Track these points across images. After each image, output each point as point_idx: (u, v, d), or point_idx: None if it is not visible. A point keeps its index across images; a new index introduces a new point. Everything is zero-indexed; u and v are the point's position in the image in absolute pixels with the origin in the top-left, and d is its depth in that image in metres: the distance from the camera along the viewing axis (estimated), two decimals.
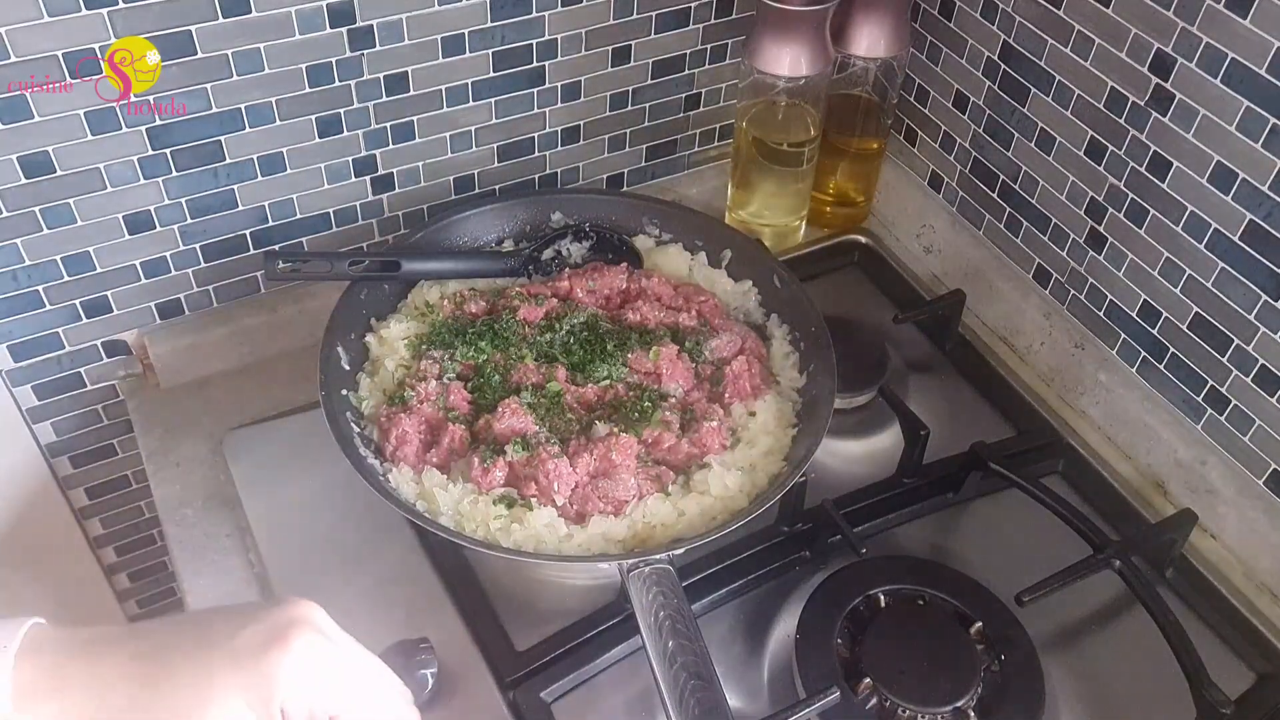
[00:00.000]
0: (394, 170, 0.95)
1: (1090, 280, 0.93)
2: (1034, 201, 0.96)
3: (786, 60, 0.93)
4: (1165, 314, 0.87)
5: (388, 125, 0.92)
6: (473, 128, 0.96)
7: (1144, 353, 0.90)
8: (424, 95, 0.91)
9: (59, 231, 0.84)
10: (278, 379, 0.93)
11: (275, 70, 0.84)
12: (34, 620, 0.52)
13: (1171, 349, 0.87)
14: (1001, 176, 0.99)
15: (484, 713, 0.72)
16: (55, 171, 0.81)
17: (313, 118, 0.88)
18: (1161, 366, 0.89)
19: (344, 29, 0.84)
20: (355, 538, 0.81)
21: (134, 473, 1.02)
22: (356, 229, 0.97)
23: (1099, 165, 0.88)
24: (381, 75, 0.88)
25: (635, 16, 0.97)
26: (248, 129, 0.86)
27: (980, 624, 0.76)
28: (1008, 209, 1.00)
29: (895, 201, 1.12)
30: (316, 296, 0.93)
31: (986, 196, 1.02)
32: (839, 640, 0.75)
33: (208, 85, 0.82)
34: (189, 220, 0.89)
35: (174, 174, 0.85)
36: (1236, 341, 0.82)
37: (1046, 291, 0.98)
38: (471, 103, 0.94)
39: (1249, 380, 0.82)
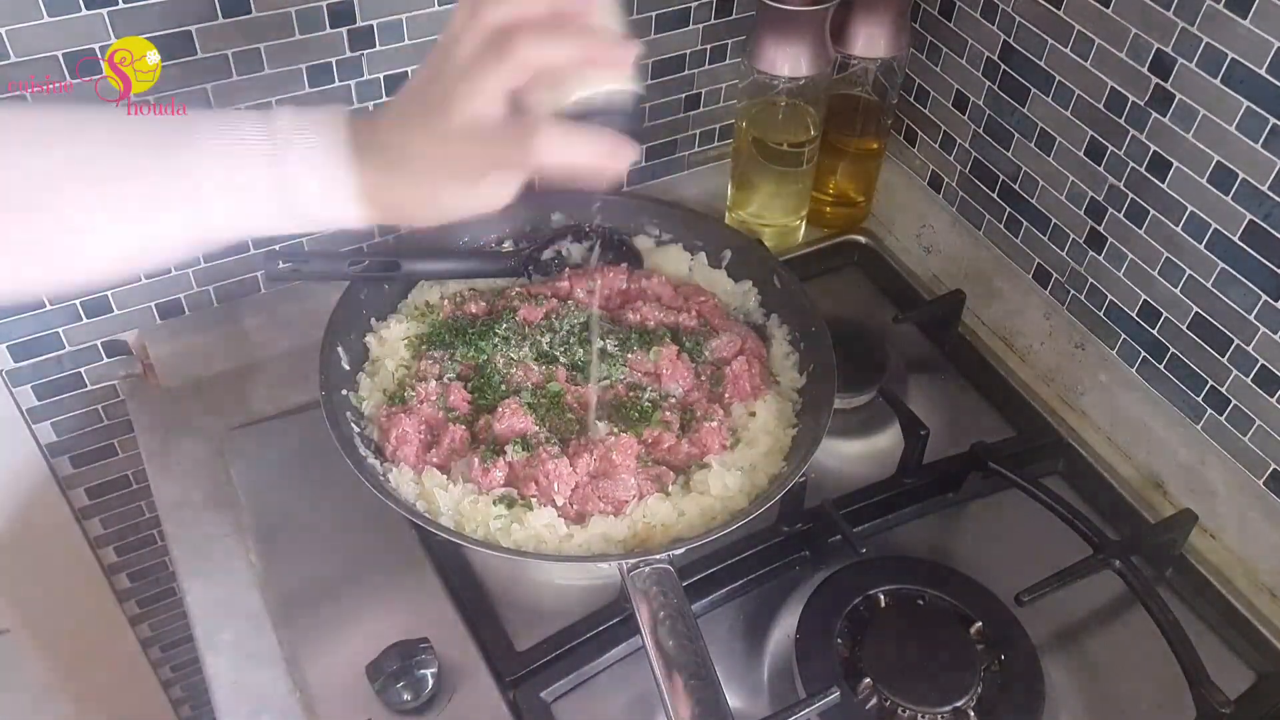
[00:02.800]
0: None
1: (1090, 280, 0.93)
2: (1034, 201, 0.96)
3: (786, 60, 0.93)
4: (1165, 314, 0.87)
5: None
6: None
7: (1144, 353, 0.90)
8: None
9: None
10: (278, 379, 0.93)
11: (275, 70, 0.84)
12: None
13: (1171, 349, 0.87)
14: (1001, 176, 0.99)
15: (484, 713, 0.72)
16: None
17: None
18: (1161, 366, 0.89)
19: (344, 29, 0.84)
20: (355, 538, 0.81)
21: (134, 473, 1.02)
22: (356, 229, 0.97)
23: (1099, 165, 0.88)
24: (381, 75, 0.88)
25: (635, 16, 0.97)
26: None
27: (980, 624, 0.76)
28: (1008, 209, 1.00)
29: (895, 201, 1.12)
30: (316, 296, 0.93)
31: (986, 196, 1.02)
32: (839, 640, 0.75)
33: (208, 85, 0.82)
34: None
35: None
36: (1236, 341, 0.82)
37: (1046, 291, 0.98)
38: None
39: (1249, 380, 0.82)
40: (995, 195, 1.01)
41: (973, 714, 0.72)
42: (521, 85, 0.52)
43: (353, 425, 0.80)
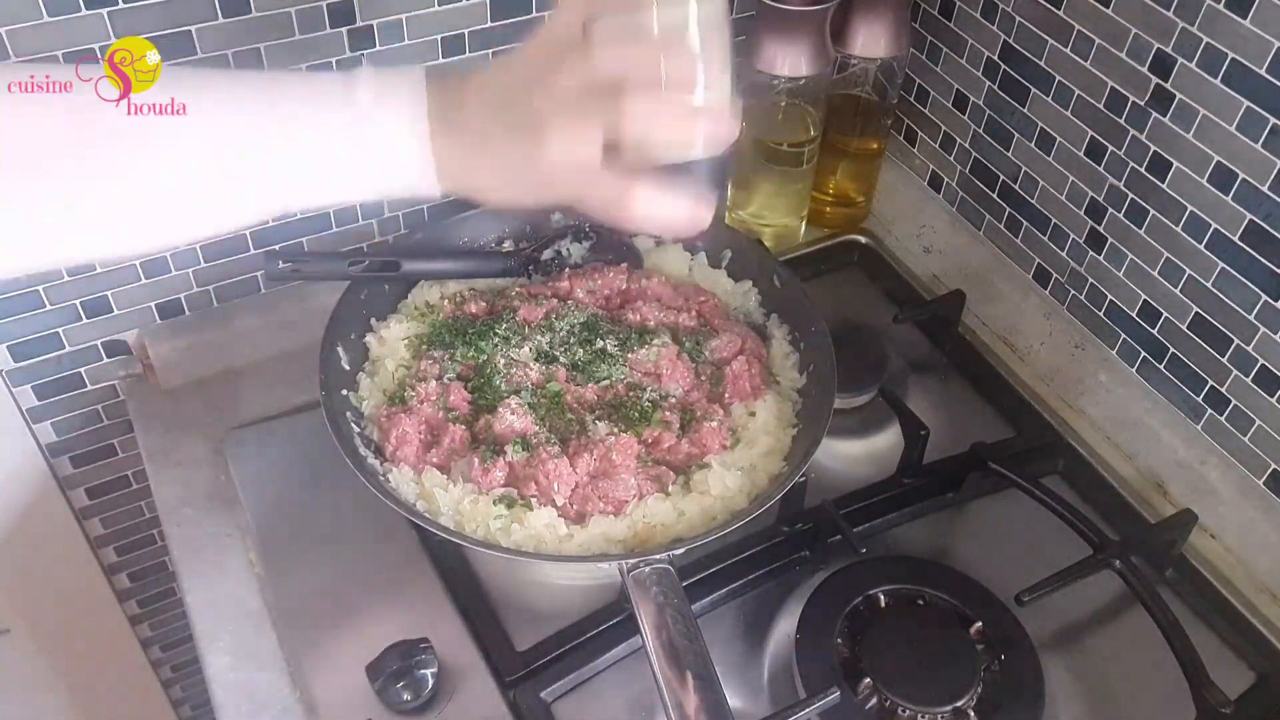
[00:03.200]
0: None
1: (1090, 280, 0.93)
2: (1034, 201, 0.96)
3: (786, 60, 0.93)
4: (1165, 314, 0.87)
5: None
6: None
7: (1144, 353, 0.90)
8: None
9: None
10: (278, 379, 0.93)
11: (275, 70, 0.84)
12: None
13: (1171, 349, 0.87)
14: (1001, 176, 0.99)
15: (484, 713, 0.72)
16: None
17: None
18: (1161, 366, 0.89)
19: (344, 29, 0.84)
20: (355, 538, 0.81)
21: (134, 473, 1.02)
22: (356, 229, 0.97)
23: (1099, 165, 0.88)
24: None
25: None
26: None
27: (980, 624, 0.76)
28: (1008, 209, 1.00)
29: (895, 201, 1.12)
30: (316, 296, 0.93)
31: (986, 196, 1.02)
32: (839, 640, 0.75)
33: None
34: None
35: None
36: (1236, 341, 0.82)
37: (1046, 291, 0.98)
38: None
39: (1249, 380, 0.82)
40: (995, 195, 1.01)
41: (973, 714, 0.72)
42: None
43: (353, 425, 0.80)
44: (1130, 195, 0.87)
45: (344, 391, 0.82)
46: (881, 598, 0.78)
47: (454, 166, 0.54)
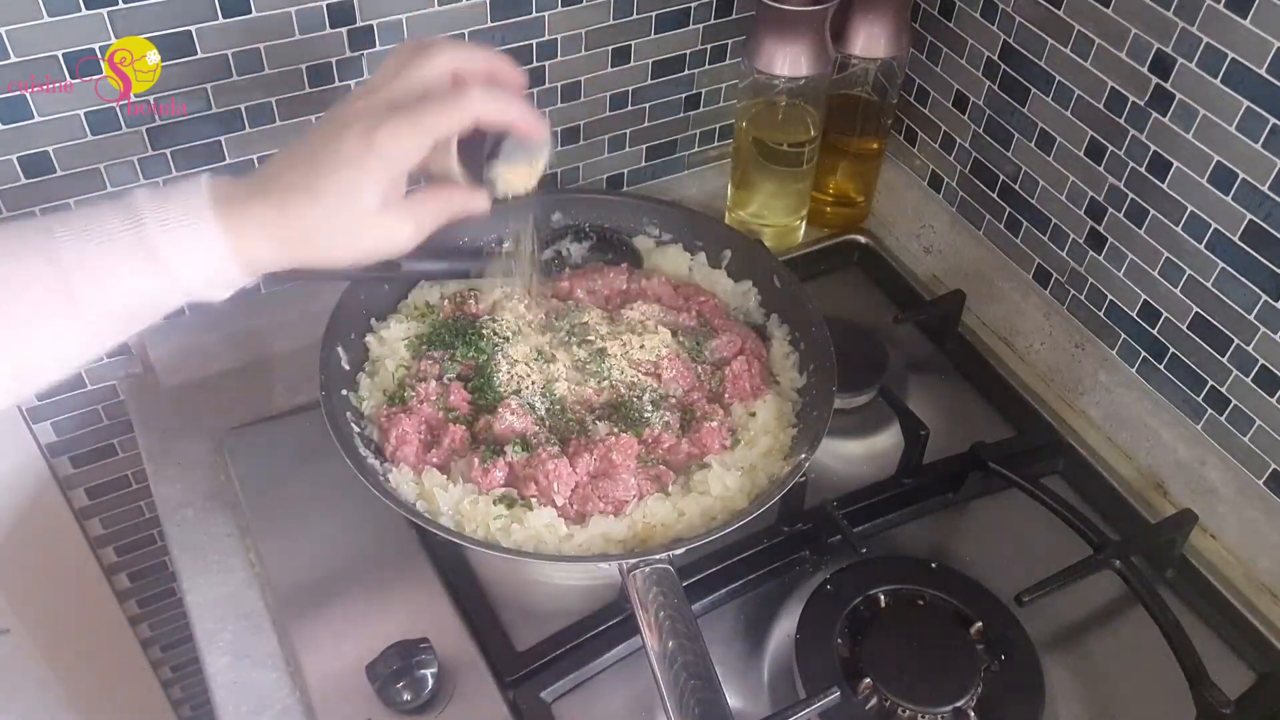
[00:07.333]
0: None
1: (1090, 280, 0.93)
2: (1034, 201, 0.96)
3: (786, 60, 0.93)
4: (1165, 314, 0.87)
5: None
6: None
7: (1144, 353, 0.90)
8: None
9: None
10: (278, 379, 0.93)
11: (275, 70, 0.84)
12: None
13: (1171, 349, 0.87)
14: (1001, 176, 0.99)
15: (484, 713, 0.72)
16: (55, 171, 0.81)
17: (313, 118, 0.88)
18: (1161, 366, 0.89)
19: (344, 29, 0.84)
20: (355, 538, 0.81)
21: (134, 473, 1.02)
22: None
23: (1099, 165, 0.88)
24: None
25: (635, 16, 0.97)
26: (248, 129, 0.86)
27: (980, 624, 0.76)
28: (1008, 209, 1.00)
29: (895, 201, 1.12)
30: (316, 296, 0.93)
31: (986, 196, 1.02)
32: (839, 640, 0.75)
33: (208, 85, 0.82)
34: None
35: (174, 174, 0.85)
36: (1236, 341, 0.82)
37: (1046, 291, 0.98)
38: None
39: (1249, 380, 0.82)
40: (995, 195, 1.01)
41: (973, 714, 0.72)
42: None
43: (353, 425, 0.80)
44: (1130, 195, 0.87)
45: (344, 391, 0.82)
46: (881, 598, 0.78)
47: (252, 236, 0.55)
